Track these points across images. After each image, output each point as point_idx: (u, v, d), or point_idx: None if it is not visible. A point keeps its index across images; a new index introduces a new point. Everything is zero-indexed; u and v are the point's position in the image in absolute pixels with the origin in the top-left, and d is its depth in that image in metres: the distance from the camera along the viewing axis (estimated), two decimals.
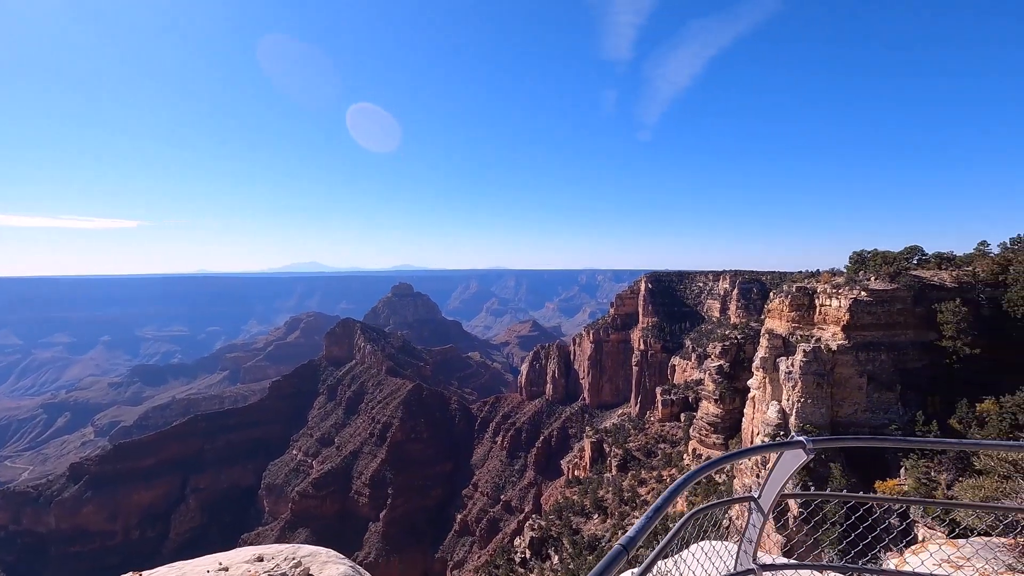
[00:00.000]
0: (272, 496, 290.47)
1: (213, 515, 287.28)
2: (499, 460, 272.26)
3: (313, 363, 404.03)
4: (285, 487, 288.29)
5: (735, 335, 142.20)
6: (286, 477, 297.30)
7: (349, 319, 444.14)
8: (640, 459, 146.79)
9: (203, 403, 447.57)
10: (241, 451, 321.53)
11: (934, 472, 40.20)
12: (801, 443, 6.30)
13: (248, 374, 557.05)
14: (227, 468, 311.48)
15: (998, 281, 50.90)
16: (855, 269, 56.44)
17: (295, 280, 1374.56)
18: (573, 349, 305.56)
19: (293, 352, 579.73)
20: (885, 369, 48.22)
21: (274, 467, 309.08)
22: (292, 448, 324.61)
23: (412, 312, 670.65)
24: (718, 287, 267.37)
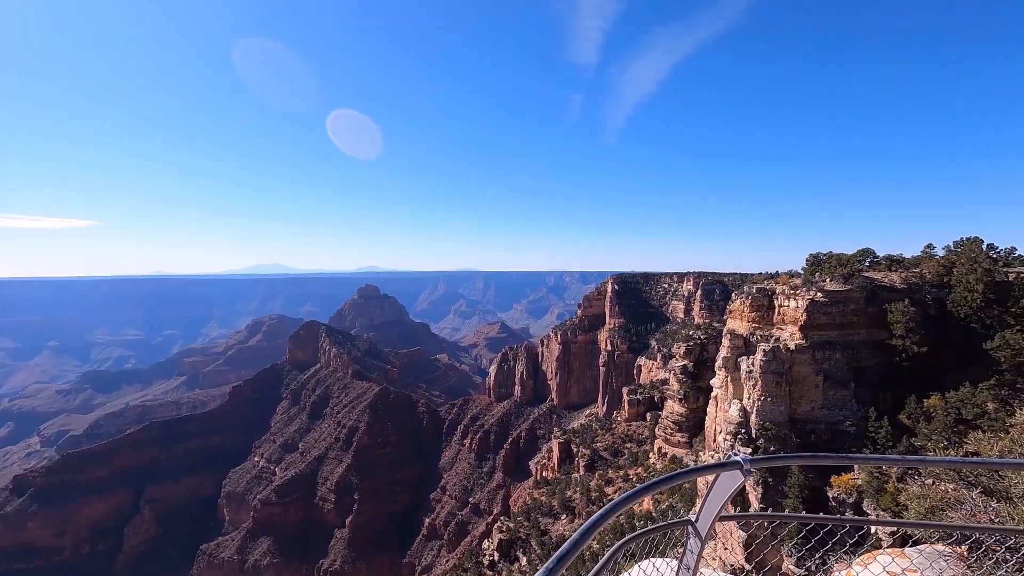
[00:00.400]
0: (233, 505, 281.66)
1: (170, 527, 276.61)
2: (467, 462, 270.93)
3: (276, 367, 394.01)
4: (247, 495, 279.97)
5: (699, 335, 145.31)
6: (247, 485, 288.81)
7: (314, 322, 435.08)
8: (607, 459, 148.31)
9: (159, 410, 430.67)
10: (200, 459, 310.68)
11: (885, 466, 41.86)
12: (738, 464, 5.86)
13: (207, 379, 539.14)
14: (185, 477, 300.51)
15: (943, 282, 53.42)
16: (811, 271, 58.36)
17: (257, 282, 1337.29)
18: (541, 350, 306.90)
19: (255, 356, 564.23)
20: (840, 367, 49.95)
21: (235, 475, 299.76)
22: (254, 455, 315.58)
23: (379, 314, 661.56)
24: (682, 288, 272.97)
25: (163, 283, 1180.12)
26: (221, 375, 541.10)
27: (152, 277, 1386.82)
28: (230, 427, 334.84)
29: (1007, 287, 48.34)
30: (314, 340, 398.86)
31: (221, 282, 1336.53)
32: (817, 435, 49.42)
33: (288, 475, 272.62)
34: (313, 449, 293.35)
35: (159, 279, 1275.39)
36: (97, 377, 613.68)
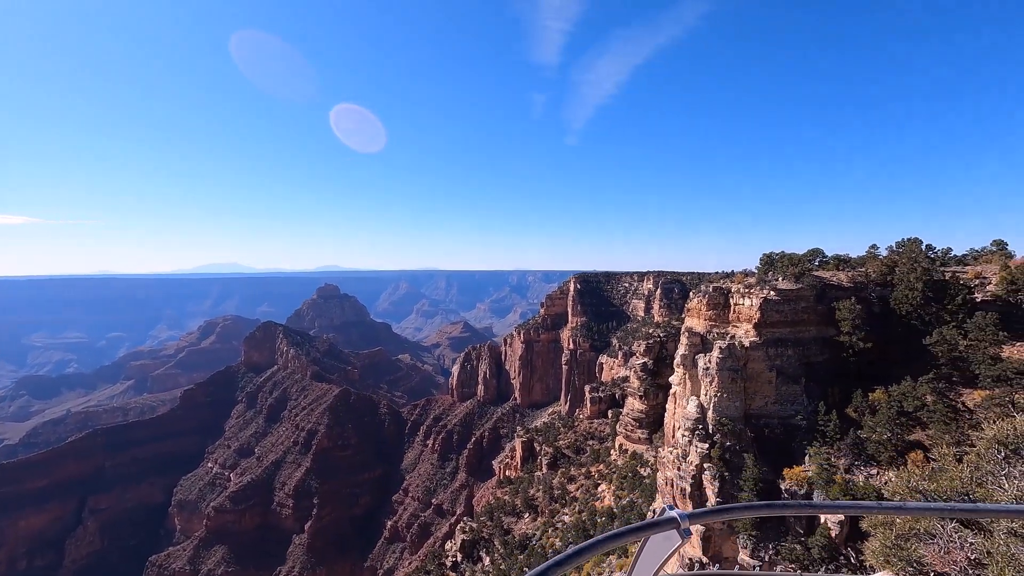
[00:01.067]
0: (185, 513, 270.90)
1: (115, 538, 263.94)
2: (430, 463, 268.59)
3: (231, 369, 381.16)
4: (199, 503, 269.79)
5: (658, 333, 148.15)
6: (200, 492, 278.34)
7: (271, 322, 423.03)
8: (570, 456, 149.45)
9: (104, 416, 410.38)
10: (148, 467, 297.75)
11: (834, 458, 43.58)
12: (674, 521, 4.84)
13: (157, 383, 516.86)
14: (132, 486, 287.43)
15: (886, 281, 55.96)
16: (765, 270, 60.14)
17: (210, 282, 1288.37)
18: (504, 349, 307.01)
19: (208, 358, 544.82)
20: (792, 363, 51.62)
21: (187, 482, 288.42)
22: (207, 461, 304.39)
23: (339, 314, 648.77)
24: (642, 287, 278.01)
25: (108, 283, 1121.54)
26: (172, 379, 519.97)
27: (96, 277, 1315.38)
28: (181, 432, 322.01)
29: (944, 286, 50.99)
30: (271, 341, 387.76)
31: (171, 282, 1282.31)
32: (770, 429, 50.95)
33: (244, 481, 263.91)
34: (270, 453, 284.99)
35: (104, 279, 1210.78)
36: (35, 382, 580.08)
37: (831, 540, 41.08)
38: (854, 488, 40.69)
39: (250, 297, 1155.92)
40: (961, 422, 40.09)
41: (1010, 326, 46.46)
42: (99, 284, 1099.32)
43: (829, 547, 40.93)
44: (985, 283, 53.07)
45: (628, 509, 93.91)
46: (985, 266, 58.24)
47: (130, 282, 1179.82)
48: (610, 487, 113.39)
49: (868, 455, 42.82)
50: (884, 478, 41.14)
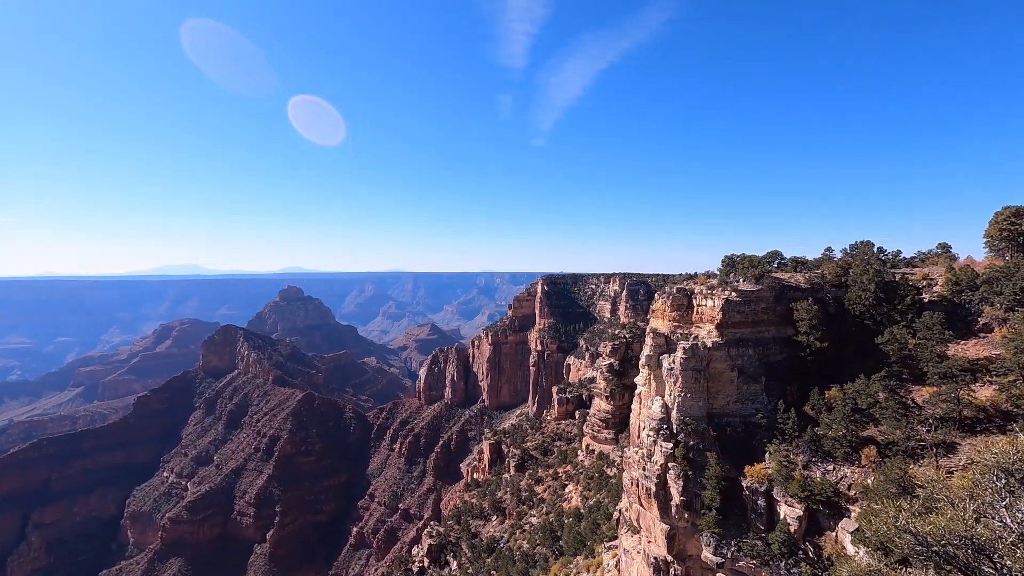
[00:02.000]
0: (139, 525, 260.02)
1: (63, 554, 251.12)
2: (397, 468, 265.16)
3: (188, 375, 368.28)
4: (154, 514, 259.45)
5: (624, 334, 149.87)
6: (155, 503, 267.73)
7: (231, 326, 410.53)
8: (537, 458, 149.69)
9: (50, 425, 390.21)
10: (99, 478, 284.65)
11: (792, 455, 44.65)
12: None
13: (108, 390, 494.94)
14: (81, 498, 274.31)
15: (841, 282, 57.93)
16: (727, 271, 61.41)
17: (167, 284, 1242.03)
18: (472, 351, 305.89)
19: (164, 364, 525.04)
20: (752, 363, 52.74)
21: (140, 493, 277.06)
22: (163, 470, 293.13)
23: (303, 317, 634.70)
24: (609, 289, 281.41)
25: (55, 285, 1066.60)
26: (124, 385, 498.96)
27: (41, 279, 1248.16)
28: (135, 441, 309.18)
29: (894, 287, 53.06)
30: (231, 345, 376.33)
31: (125, 284, 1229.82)
32: (732, 427, 51.90)
33: (202, 490, 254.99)
34: (230, 461, 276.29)
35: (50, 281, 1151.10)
36: None
37: (791, 535, 42.04)
38: (812, 484, 41.73)
39: (209, 300, 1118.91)
40: (911, 418, 41.61)
41: (954, 325, 48.67)
42: (44, 286, 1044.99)
43: (789, 542, 41.87)
44: (932, 284, 55.49)
45: (595, 509, 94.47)
46: (932, 268, 60.96)
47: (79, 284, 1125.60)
48: (577, 488, 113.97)
49: (825, 451, 43.99)
50: (840, 473, 42.36)
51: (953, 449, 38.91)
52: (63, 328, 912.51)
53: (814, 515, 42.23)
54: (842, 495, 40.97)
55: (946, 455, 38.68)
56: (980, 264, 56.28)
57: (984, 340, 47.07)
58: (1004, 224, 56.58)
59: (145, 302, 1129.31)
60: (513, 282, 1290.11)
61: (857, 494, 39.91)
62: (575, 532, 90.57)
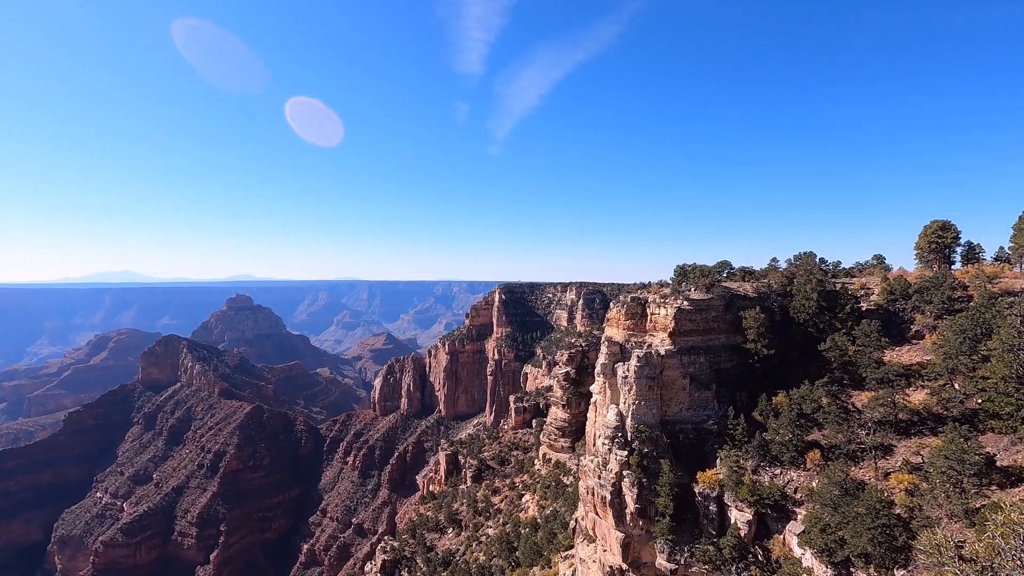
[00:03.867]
0: (67, 551, 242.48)
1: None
2: (350, 481, 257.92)
3: (126, 388, 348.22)
4: (85, 538, 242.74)
5: (580, 343, 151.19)
6: (87, 526, 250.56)
7: (173, 336, 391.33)
8: (495, 468, 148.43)
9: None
10: (23, 500, 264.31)
11: (742, 460, 45.70)
12: None
13: (36, 405, 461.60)
14: (3, 523, 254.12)
15: (786, 291, 60.18)
16: (679, 281, 62.75)
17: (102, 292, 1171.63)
18: (429, 361, 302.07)
19: (99, 377, 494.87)
20: (704, 370, 53.87)
21: (70, 515, 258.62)
22: (95, 490, 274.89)
23: (251, 327, 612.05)
24: (565, 298, 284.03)
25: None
26: (54, 400, 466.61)
27: None
28: (64, 460, 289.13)
29: (835, 295, 55.51)
30: (173, 356, 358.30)
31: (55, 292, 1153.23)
32: (685, 434, 52.78)
33: (139, 510, 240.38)
34: (171, 479, 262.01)
35: None
36: None
37: (741, 539, 42.88)
38: (760, 488, 42.74)
39: (149, 308, 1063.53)
40: (852, 422, 43.35)
41: (890, 332, 51.25)
42: None
43: (739, 546, 42.68)
44: (869, 293, 58.36)
45: (551, 519, 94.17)
46: (868, 278, 64.16)
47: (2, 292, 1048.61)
48: (534, 497, 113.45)
49: (772, 456, 45.24)
50: (787, 477, 43.59)
51: (890, 451, 40.71)
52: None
53: (763, 519, 43.22)
54: (789, 498, 42.12)
55: (884, 457, 40.41)
56: (912, 274, 59.67)
57: (916, 346, 49.73)
58: (932, 237, 60.37)
59: (77, 311, 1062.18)
60: (471, 291, 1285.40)
61: (803, 497, 41.11)
62: (532, 542, 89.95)
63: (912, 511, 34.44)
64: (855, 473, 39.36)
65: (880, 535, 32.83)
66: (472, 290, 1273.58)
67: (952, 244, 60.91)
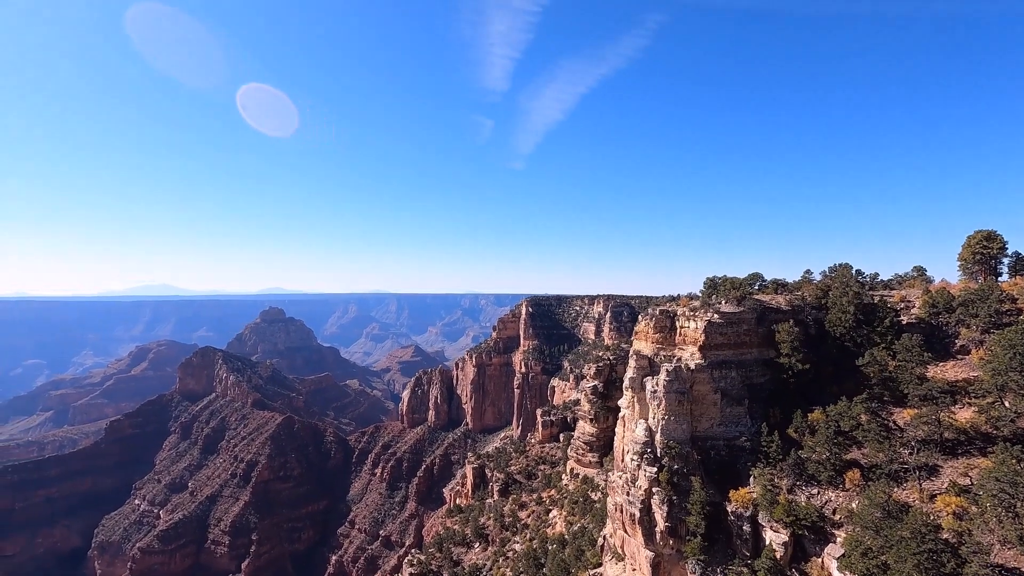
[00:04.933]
0: (106, 557, 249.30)
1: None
2: (378, 493, 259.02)
3: (164, 398, 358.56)
4: (124, 544, 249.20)
5: (608, 356, 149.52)
6: (125, 532, 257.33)
7: (209, 348, 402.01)
8: (521, 482, 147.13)
9: (16, 451, 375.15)
10: (65, 507, 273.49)
11: (777, 479, 44.23)
12: None
13: (80, 414, 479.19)
14: (44, 529, 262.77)
15: (821, 304, 58.47)
16: (709, 293, 61.68)
17: (142, 305, 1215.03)
18: (456, 373, 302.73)
19: (139, 387, 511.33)
20: (735, 385, 52.58)
21: (109, 522, 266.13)
22: (134, 498, 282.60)
23: (283, 339, 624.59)
24: (593, 311, 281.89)
25: (23, 306, 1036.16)
26: (97, 409, 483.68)
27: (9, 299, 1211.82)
28: (104, 468, 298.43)
29: (873, 309, 53.63)
30: (209, 368, 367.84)
31: (97, 305, 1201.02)
32: (716, 451, 51.44)
33: (175, 518, 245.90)
34: (205, 487, 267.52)
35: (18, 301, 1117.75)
36: None
37: (776, 561, 41.36)
38: (797, 508, 41.27)
39: (186, 321, 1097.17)
40: (893, 440, 41.58)
41: (932, 347, 49.15)
42: (13, 306, 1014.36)
43: (775, 568, 41.16)
44: (910, 306, 56.18)
45: (579, 535, 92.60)
46: (909, 290, 61.83)
47: (50, 305, 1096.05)
48: (561, 512, 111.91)
49: (809, 475, 43.69)
50: (824, 497, 41.98)
51: (935, 472, 38.87)
52: (32, 350, 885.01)
53: (799, 540, 41.66)
54: (827, 519, 40.53)
55: (928, 478, 38.59)
56: (955, 287, 57.24)
57: (962, 362, 47.55)
58: (976, 248, 57.80)
59: (118, 323, 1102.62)
60: (497, 303, 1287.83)
61: (842, 518, 39.51)
62: (559, 559, 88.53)
63: (961, 536, 32.69)
64: (898, 495, 37.67)
65: (926, 561, 31.21)
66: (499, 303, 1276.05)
67: (998, 255, 57.94)
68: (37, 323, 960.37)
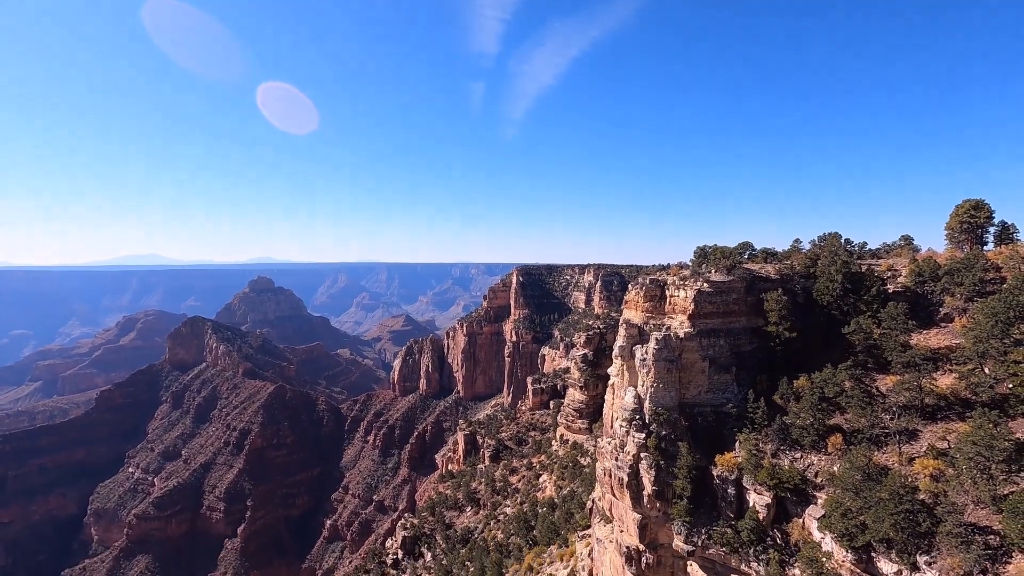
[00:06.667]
0: (103, 523, 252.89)
1: (21, 554, 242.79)
2: (371, 460, 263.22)
3: (154, 368, 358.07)
4: (119, 511, 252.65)
5: (598, 325, 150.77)
6: (120, 499, 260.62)
7: (198, 318, 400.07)
8: (512, 448, 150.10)
9: (7, 421, 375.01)
10: (59, 475, 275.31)
11: (761, 444, 45.24)
12: None
13: (69, 384, 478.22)
14: (39, 497, 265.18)
15: (810, 273, 58.87)
16: (699, 262, 61.84)
17: (128, 275, 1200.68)
18: (447, 342, 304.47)
19: (128, 357, 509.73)
20: (723, 353, 53.26)
21: (104, 490, 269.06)
22: (128, 466, 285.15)
23: (273, 308, 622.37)
24: (583, 280, 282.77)
25: (7, 276, 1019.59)
26: (86, 379, 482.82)
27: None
28: (97, 437, 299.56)
29: (860, 277, 54.12)
30: (199, 337, 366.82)
31: (83, 275, 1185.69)
32: (703, 417, 52.40)
33: (169, 485, 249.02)
34: (199, 455, 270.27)
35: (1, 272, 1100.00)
36: None
37: (759, 522, 42.68)
38: (780, 472, 42.37)
39: (174, 291, 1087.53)
40: (875, 406, 42.55)
41: (917, 315, 49.89)
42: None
43: (757, 529, 42.51)
44: (896, 275, 56.78)
45: (569, 499, 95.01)
46: (896, 259, 62.39)
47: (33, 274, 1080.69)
48: (551, 477, 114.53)
49: (793, 440, 44.69)
50: (807, 461, 43.11)
51: (915, 436, 39.94)
52: (18, 321, 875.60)
53: (782, 502, 42.90)
54: (809, 482, 41.67)
55: (908, 442, 39.68)
56: (941, 256, 57.84)
57: (945, 330, 48.38)
58: (964, 217, 58.21)
59: (105, 293, 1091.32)
60: (488, 273, 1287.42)
61: (823, 481, 40.67)
62: (549, 522, 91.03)
63: (937, 497, 33.83)
64: (878, 458, 38.74)
65: (903, 520, 32.32)
66: (490, 272, 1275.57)
67: (985, 224, 58.32)
68: (22, 293, 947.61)
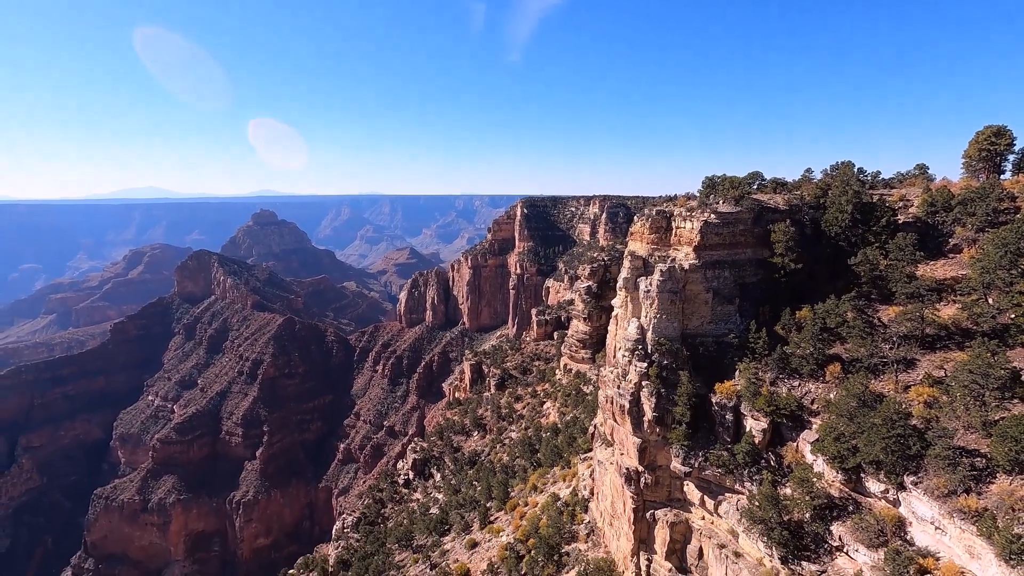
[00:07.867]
0: (128, 446, 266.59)
1: (55, 475, 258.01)
2: (381, 388, 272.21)
3: (164, 301, 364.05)
4: (143, 436, 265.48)
5: (602, 257, 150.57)
6: (143, 425, 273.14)
7: (204, 251, 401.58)
8: (517, 377, 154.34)
9: (27, 352, 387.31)
10: (81, 403, 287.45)
11: (760, 372, 46.22)
12: None
13: (82, 316, 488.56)
14: (67, 423, 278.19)
15: (819, 204, 57.67)
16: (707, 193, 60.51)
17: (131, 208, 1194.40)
18: (452, 275, 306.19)
19: (137, 290, 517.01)
20: (727, 284, 53.32)
21: (127, 416, 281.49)
22: (147, 394, 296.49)
23: (278, 242, 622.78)
24: (588, 211, 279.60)
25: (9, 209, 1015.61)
26: (99, 311, 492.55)
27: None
28: (115, 367, 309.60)
29: (871, 208, 53.01)
30: (206, 271, 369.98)
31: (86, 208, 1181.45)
32: (705, 347, 53.26)
33: (189, 412, 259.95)
34: (215, 384, 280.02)
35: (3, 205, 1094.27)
36: None
37: (755, 446, 44.45)
38: (777, 399, 43.56)
39: (177, 224, 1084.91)
40: (876, 336, 43.01)
41: (926, 246, 49.34)
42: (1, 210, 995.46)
43: (753, 452, 44.33)
44: (908, 205, 55.67)
45: (571, 424, 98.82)
46: (909, 189, 60.92)
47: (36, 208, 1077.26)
48: (555, 404, 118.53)
49: (792, 368, 45.59)
50: (805, 389, 44.22)
51: (913, 365, 40.62)
52: (25, 255, 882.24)
53: (778, 428, 44.42)
54: (805, 409, 42.90)
55: (906, 371, 40.42)
56: (956, 185, 56.30)
57: (953, 261, 47.99)
58: (984, 144, 55.94)
59: (109, 227, 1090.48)
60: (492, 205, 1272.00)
61: (819, 408, 41.87)
62: (552, 445, 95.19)
63: (929, 422, 34.84)
64: (875, 386, 39.61)
65: (894, 444, 33.47)
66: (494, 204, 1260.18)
67: (1005, 151, 55.92)
68: (25, 228, 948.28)
